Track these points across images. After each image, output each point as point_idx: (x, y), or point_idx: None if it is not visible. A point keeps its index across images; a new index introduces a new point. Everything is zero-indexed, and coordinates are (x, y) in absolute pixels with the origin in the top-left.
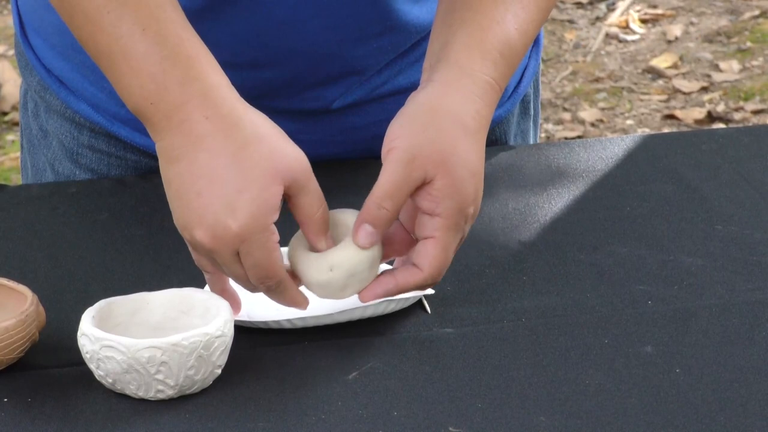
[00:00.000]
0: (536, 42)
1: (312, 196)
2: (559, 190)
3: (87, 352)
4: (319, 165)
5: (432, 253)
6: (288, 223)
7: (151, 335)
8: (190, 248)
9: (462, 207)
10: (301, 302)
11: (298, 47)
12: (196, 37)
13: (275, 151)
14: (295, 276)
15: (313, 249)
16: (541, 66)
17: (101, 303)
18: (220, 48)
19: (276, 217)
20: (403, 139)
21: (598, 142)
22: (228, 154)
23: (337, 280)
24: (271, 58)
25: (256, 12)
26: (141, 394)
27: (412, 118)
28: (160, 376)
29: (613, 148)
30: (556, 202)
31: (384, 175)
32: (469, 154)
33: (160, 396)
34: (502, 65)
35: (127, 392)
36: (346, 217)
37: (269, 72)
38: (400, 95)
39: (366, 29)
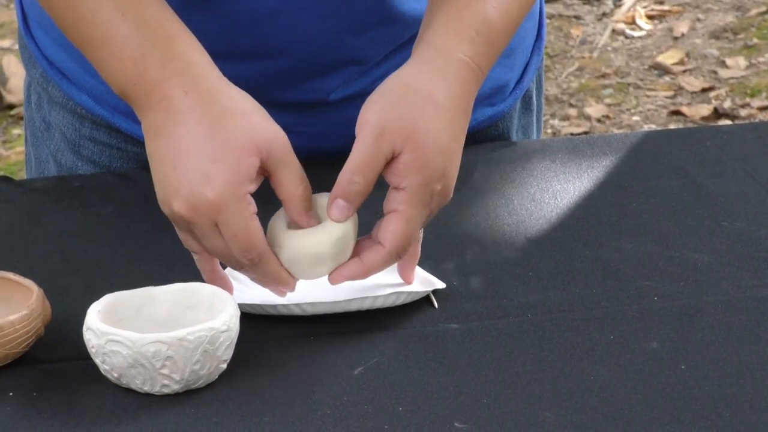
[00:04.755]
0: (539, 37)
1: (292, 172)
2: (564, 185)
3: (92, 347)
4: (318, 159)
5: (393, 227)
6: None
7: (157, 330)
8: (175, 227)
9: (428, 182)
10: (287, 280)
11: (293, 38)
12: (176, 18)
13: (253, 125)
14: None
15: (297, 227)
16: (547, 62)
17: (107, 297)
18: (215, 39)
19: (252, 188)
20: (374, 114)
21: (602, 138)
22: (205, 126)
23: (305, 259)
24: (267, 49)
25: (249, 2)
26: (146, 388)
27: (385, 94)
28: (165, 371)
29: (617, 144)
30: (561, 198)
31: (355, 150)
32: (439, 131)
33: (166, 390)
34: (480, 43)
35: (133, 387)
36: (325, 200)
37: (265, 63)
38: None
39: (362, 20)
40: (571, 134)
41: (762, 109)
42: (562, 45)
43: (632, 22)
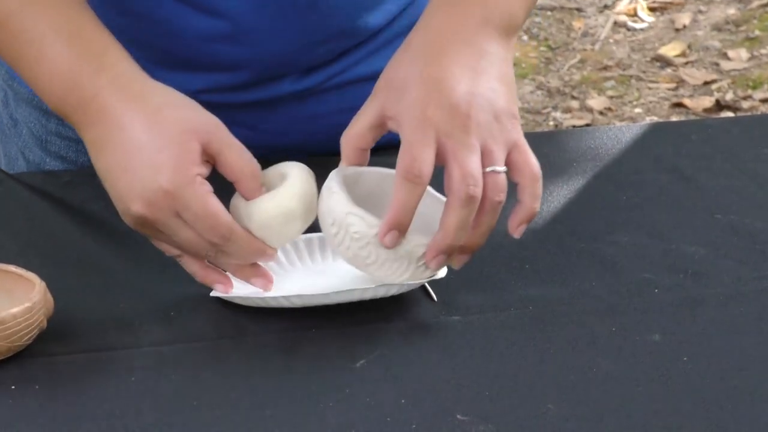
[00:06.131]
0: None
1: (235, 151)
2: (552, 179)
3: (356, 232)
4: (284, 155)
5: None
6: None
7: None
8: (147, 236)
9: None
10: (263, 248)
11: (248, 56)
12: (107, 33)
13: (186, 115)
14: None
15: None
16: (549, 54)
17: (336, 176)
18: (169, 53)
19: (200, 170)
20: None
21: (586, 132)
22: (143, 123)
23: (252, 231)
24: (221, 65)
25: (201, 22)
26: (386, 279)
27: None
28: (414, 267)
29: (602, 137)
30: (550, 191)
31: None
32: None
33: (396, 279)
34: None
35: (374, 274)
36: (286, 169)
37: (218, 76)
38: (360, 84)
39: (317, 38)
40: (573, 126)
41: (764, 101)
42: (564, 37)
43: (634, 15)
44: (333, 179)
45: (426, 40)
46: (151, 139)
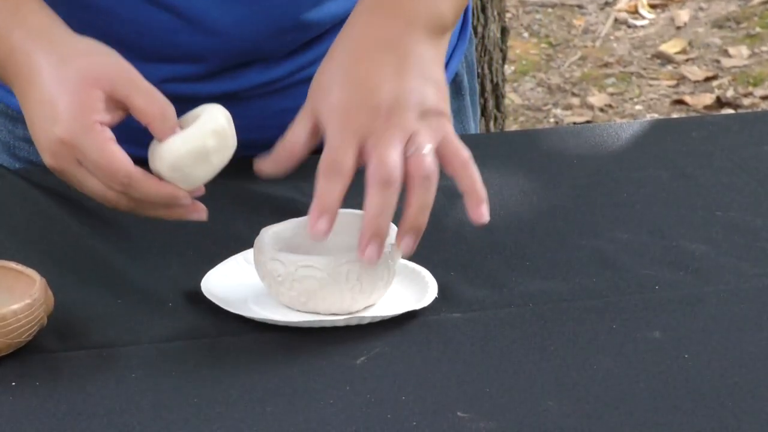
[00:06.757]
0: (464, 22)
1: (143, 94)
2: (552, 176)
3: (279, 275)
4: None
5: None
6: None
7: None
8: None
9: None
10: (172, 191)
11: (210, 45)
12: None
13: (92, 62)
14: None
15: None
16: (550, 51)
17: (269, 231)
18: (128, 44)
19: (102, 118)
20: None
21: (586, 129)
22: (47, 75)
23: (164, 172)
24: (182, 55)
25: (167, 11)
26: (334, 309)
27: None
28: (357, 289)
29: (603, 135)
30: (550, 188)
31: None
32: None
33: (351, 308)
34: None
35: (319, 309)
36: (201, 110)
37: (179, 66)
38: None
39: (279, 27)
40: (574, 123)
41: (765, 98)
42: (565, 34)
43: (635, 12)
44: (260, 234)
45: (350, 45)
46: (52, 90)
